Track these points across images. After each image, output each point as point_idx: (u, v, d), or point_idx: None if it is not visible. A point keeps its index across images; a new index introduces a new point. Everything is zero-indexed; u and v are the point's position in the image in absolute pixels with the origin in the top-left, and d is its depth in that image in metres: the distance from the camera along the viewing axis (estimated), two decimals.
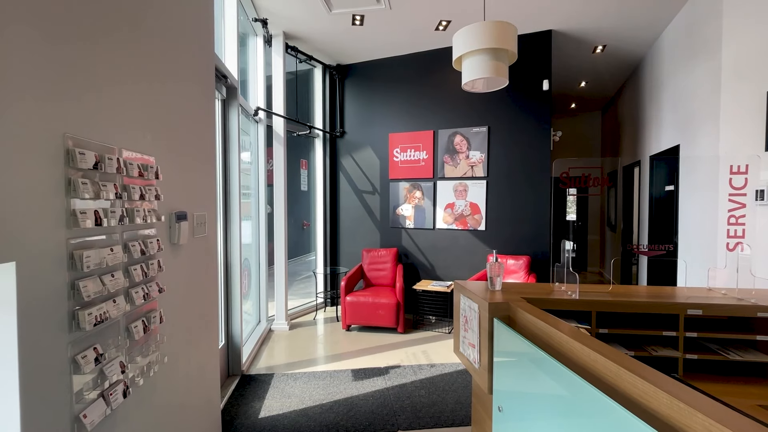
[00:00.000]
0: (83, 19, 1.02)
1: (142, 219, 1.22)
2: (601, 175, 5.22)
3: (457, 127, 4.48)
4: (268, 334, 4.10)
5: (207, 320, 1.91)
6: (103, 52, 1.10)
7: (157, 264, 1.34)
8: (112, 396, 1.07)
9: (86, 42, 1.03)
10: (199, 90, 1.82)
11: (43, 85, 0.89)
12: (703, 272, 2.42)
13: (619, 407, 0.77)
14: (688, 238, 3.50)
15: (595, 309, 1.60)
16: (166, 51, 1.49)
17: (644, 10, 3.61)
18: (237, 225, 3.08)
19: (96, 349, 1.02)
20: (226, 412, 2.53)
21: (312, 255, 5.32)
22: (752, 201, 2.06)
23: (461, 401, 2.67)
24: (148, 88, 1.34)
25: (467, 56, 2.35)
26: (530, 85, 4.17)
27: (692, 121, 3.40)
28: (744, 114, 2.75)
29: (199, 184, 1.81)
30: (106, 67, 1.11)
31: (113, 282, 1.08)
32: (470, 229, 4.47)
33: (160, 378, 1.41)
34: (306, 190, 5.26)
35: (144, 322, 1.24)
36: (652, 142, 4.51)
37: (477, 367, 1.55)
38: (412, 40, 4.29)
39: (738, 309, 1.52)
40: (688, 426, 0.70)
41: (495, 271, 1.69)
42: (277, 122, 4.17)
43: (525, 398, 1.19)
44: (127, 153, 1.20)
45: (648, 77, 4.65)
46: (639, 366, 0.87)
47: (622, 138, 5.94)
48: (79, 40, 1.01)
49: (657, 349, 1.59)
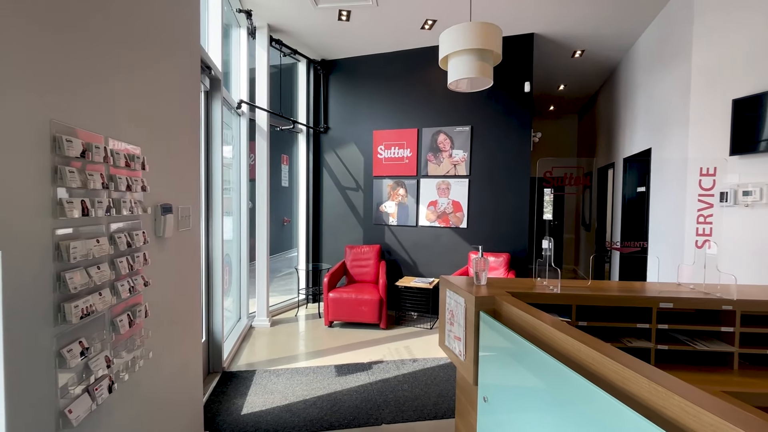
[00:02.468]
0: (70, 6, 0.99)
1: (128, 210, 1.19)
2: (579, 174, 5.41)
3: (440, 125, 4.54)
4: (249, 330, 4.05)
5: (191, 315, 1.88)
6: (89, 40, 1.07)
7: (143, 257, 1.31)
8: (98, 391, 1.05)
9: (72, 29, 1.00)
10: (184, 80, 1.77)
11: (29, 70, 0.85)
12: (671, 268, 2.56)
13: (603, 392, 0.82)
14: (657, 237, 3.68)
15: (575, 303, 1.67)
16: (153, 40, 1.45)
17: (621, 18, 3.75)
18: (219, 220, 3.02)
19: (82, 342, 0.99)
20: (208, 409, 2.50)
21: (294, 251, 5.28)
22: (718, 202, 2.20)
23: (444, 394, 2.73)
24: (133, 75, 1.31)
25: (453, 56, 2.39)
26: (512, 86, 4.27)
27: (664, 125, 3.57)
28: (711, 119, 2.92)
29: (183, 177, 1.77)
30: (91, 54, 1.08)
31: (99, 274, 1.05)
32: (452, 227, 4.54)
33: (145, 373, 1.38)
34: (287, 186, 5.20)
35: (129, 316, 1.21)
36: (626, 145, 4.70)
37: (463, 359, 1.59)
38: (398, 37, 4.31)
39: (705, 302, 1.62)
40: (666, 407, 0.75)
41: (480, 266, 1.74)
42: (260, 116, 4.10)
43: (510, 388, 1.23)
44: (113, 142, 1.16)
45: (623, 82, 4.84)
46: (620, 354, 0.93)
47: (598, 140, 6.16)
48: (65, 26, 0.97)
49: (632, 341, 1.68)
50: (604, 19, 3.78)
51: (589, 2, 3.45)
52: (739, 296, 1.60)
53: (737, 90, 2.76)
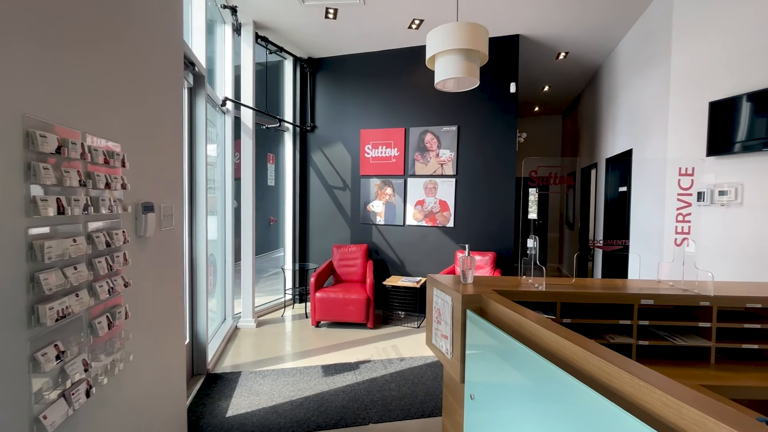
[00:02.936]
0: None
1: (107, 209, 1.16)
2: (563, 174, 5.51)
3: (428, 125, 4.55)
4: (235, 331, 3.99)
5: (173, 317, 1.83)
6: (65, 33, 1.03)
7: (122, 257, 1.27)
8: (75, 396, 1.01)
9: (47, 21, 0.96)
10: (167, 76, 1.73)
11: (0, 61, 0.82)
12: (652, 266, 2.62)
13: (587, 388, 0.83)
14: (639, 235, 3.77)
15: (560, 300, 1.69)
16: (134, 33, 1.41)
17: (603, 21, 3.83)
18: (203, 219, 2.96)
19: (57, 346, 0.95)
20: (192, 412, 2.45)
21: (280, 251, 5.22)
22: (696, 201, 2.27)
23: (431, 393, 2.74)
24: (113, 70, 1.27)
25: (440, 55, 2.40)
26: (498, 87, 4.31)
27: (644, 127, 3.66)
28: (690, 121, 3.00)
29: (166, 175, 1.73)
30: (68, 47, 1.04)
31: (76, 275, 1.01)
32: (439, 226, 4.56)
33: (125, 377, 1.34)
34: (273, 185, 5.14)
35: (108, 318, 1.18)
36: (608, 145, 4.81)
37: (449, 357, 1.60)
38: (385, 37, 4.30)
39: (683, 299, 1.67)
40: (648, 402, 0.77)
41: (467, 264, 1.75)
42: (245, 114, 4.04)
43: (496, 386, 1.24)
44: (92, 139, 1.13)
45: (606, 84, 4.94)
46: (604, 350, 0.94)
47: (581, 141, 6.27)
48: (39, 17, 0.94)
49: (614, 337, 1.71)
50: (587, 23, 3.86)
51: (573, 5, 3.51)
52: (715, 292, 1.65)
53: (713, 93, 2.85)
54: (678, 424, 0.70)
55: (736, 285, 1.86)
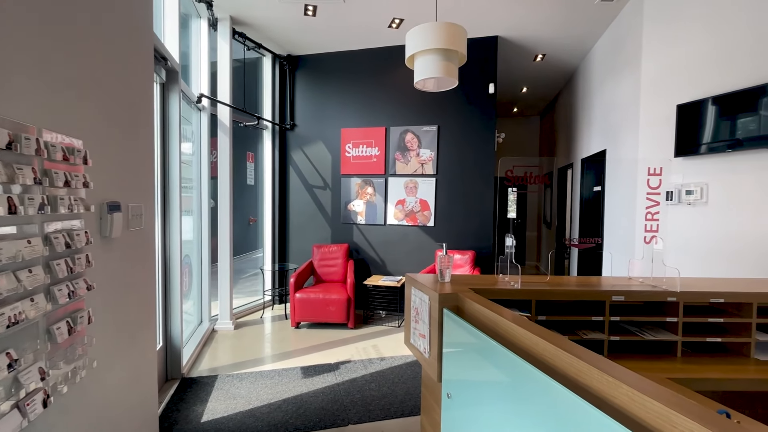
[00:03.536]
0: None
1: (67, 208, 1.10)
2: (540, 173, 5.61)
3: (408, 124, 4.56)
4: (212, 334, 3.89)
5: (143, 320, 1.77)
6: (20, 20, 0.97)
7: (84, 259, 1.21)
8: (29, 406, 0.96)
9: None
10: (135, 70, 1.66)
11: None
12: (624, 263, 2.71)
13: (559, 385, 0.84)
14: (612, 233, 3.89)
15: (535, 297, 1.71)
16: (98, 23, 1.34)
17: (577, 25, 3.92)
18: (177, 219, 2.87)
19: (9, 354, 0.90)
20: (165, 418, 2.37)
21: (259, 252, 5.13)
22: (664, 200, 2.35)
23: (410, 392, 2.74)
24: (74, 62, 1.20)
25: (419, 55, 2.40)
26: (477, 87, 4.36)
27: (617, 128, 3.77)
28: (659, 123, 3.11)
29: (135, 173, 1.66)
30: (23, 36, 0.98)
31: (31, 278, 0.96)
32: (420, 225, 4.57)
33: (88, 384, 1.28)
34: (252, 184, 5.04)
35: (69, 323, 1.12)
36: (583, 146, 4.93)
37: (427, 356, 1.60)
38: (365, 35, 4.28)
39: (652, 295, 1.72)
40: (615, 396, 0.78)
41: (444, 263, 1.75)
42: (222, 111, 3.95)
43: (473, 384, 1.25)
44: (49, 134, 1.07)
45: (581, 86, 5.07)
46: (575, 347, 0.96)
47: (558, 141, 6.42)
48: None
49: (587, 333, 1.75)
50: (562, 26, 3.94)
51: (549, 9, 3.58)
52: (682, 288, 1.71)
53: (681, 96, 2.95)
54: (643, 418, 0.72)
55: (701, 281, 1.93)
